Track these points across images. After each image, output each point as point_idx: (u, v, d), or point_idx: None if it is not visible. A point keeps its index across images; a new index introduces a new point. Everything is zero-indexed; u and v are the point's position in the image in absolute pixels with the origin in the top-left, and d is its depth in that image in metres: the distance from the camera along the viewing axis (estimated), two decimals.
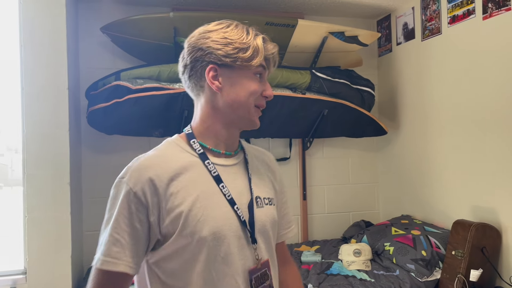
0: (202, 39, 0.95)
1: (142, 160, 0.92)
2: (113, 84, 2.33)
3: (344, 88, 2.71)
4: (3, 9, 2.35)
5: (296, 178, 3.05)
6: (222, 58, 0.94)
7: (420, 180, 2.79)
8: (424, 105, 2.72)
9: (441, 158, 2.59)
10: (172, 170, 0.91)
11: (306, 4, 2.81)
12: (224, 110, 0.97)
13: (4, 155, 3.32)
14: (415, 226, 2.51)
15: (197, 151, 0.97)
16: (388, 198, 3.17)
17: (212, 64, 0.94)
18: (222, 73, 0.95)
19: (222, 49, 0.93)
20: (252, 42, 0.96)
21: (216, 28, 0.96)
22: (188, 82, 0.99)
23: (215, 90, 0.95)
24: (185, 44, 0.99)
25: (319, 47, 2.78)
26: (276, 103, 2.52)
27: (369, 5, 2.89)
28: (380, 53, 3.20)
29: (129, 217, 0.87)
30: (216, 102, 0.97)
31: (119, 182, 0.90)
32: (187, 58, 0.97)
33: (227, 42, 0.94)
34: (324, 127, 2.77)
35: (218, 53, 0.94)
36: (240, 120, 0.99)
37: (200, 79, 0.96)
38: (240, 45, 0.94)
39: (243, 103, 0.97)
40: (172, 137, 1.02)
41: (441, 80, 2.57)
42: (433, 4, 2.60)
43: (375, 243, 2.51)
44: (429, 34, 2.65)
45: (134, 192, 0.87)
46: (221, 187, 0.95)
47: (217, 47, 0.94)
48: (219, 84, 0.95)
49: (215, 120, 0.98)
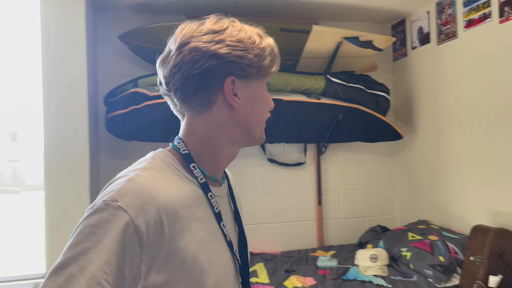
0: (214, 43, 0.76)
1: (143, 181, 0.70)
2: (131, 91, 2.37)
3: (359, 93, 2.71)
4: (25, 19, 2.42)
5: (311, 183, 3.05)
6: (247, 69, 0.78)
7: (437, 184, 2.76)
8: (440, 109, 2.70)
9: (458, 162, 2.57)
10: (178, 200, 0.72)
11: (320, 9, 2.82)
12: (235, 129, 0.81)
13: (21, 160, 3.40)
14: (432, 231, 2.49)
15: (199, 179, 0.79)
16: (404, 203, 3.14)
17: (232, 76, 0.77)
18: (240, 86, 0.79)
19: (246, 57, 0.77)
20: (266, 44, 0.82)
21: (222, 26, 0.78)
22: (191, 97, 0.78)
23: (233, 106, 0.79)
24: (176, 45, 0.78)
25: (333, 52, 2.78)
26: (291, 108, 2.53)
27: (384, 10, 2.89)
28: (395, 58, 3.19)
29: (120, 260, 0.63)
30: (229, 121, 0.80)
31: (111, 207, 0.65)
32: (191, 66, 0.75)
33: (246, 47, 0.77)
34: (339, 132, 2.77)
35: (241, 62, 0.77)
36: (251, 138, 0.85)
37: (214, 94, 0.78)
38: (259, 51, 0.79)
39: (261, 119, 0.85)
40: (159, 151, 0.81)
41: (457, 84, 2.55)
42: (449, 8, 2.58)
43: (391, 248, 2.50)
44: (444, 38, 2.63)
45: (136, 225, 0.64)
46: (222, 226, 0.80)
47: (239, 54, 0.76)
48: (239, 99, 0.79)
49: (221, 142, 0.81)
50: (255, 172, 2.96)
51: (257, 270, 2.44)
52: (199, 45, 0.75)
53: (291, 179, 3.02)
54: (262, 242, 2.90)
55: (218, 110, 0.79)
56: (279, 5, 2.69)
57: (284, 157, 3.02)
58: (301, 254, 2.72)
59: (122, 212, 0.64)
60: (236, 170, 2.89)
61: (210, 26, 0.78)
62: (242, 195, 1.04)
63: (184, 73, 0.76)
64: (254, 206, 2.93)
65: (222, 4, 2.62)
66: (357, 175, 3.16)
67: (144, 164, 0.75)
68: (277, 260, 2.61)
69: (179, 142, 0.81)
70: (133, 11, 2.72)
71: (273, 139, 2.80)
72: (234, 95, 0.78)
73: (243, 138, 0.83)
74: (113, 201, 0.65)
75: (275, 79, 2.57)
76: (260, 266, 2.50)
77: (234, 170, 3.27)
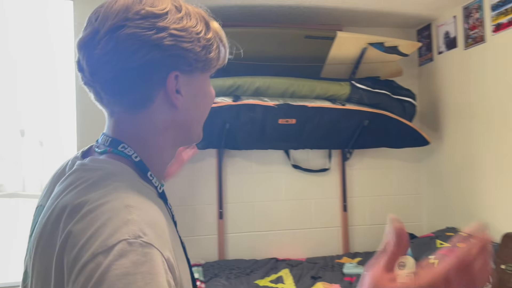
0: (155, 31, 0.62)
1: (148, 209, 0.58)
2: None
3: (384, 98, 2.70)
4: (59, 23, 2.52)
5: (336, 189, 3.05)
6: (193, 63, 0.67)
7: (465, 191, 2.72)
8: (468, 114, 2.66)
9: (487, 168, 2.52)
10: (164, 220, 0.60)
11: (345, 16, 2.83)
12: (178, 130, 0.71)
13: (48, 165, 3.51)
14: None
15: (158, 189, 0.68)
16: (432, 209, 3.10)
17: (176, 71, 0.66)
18: (183, 82, 0.67)
19: (192, 50, 0.66)
20: (213, 33, 0.70)
21: (163, 9, 0.64)
22: (123, 92, 0.65)
23: (176, 105, 0.67)
24: (106, 27, 0.62)
25: (358, 58, 2.78)
26: (316, 114, 2.54)
27: (409, 15, 2.87)
28: (420, 63, 3.16)
29: None
30: (170, 121, 0.69)
31: (136, 245, 0.51)
32: (126, 57, 0.62)
33: (192, 38, 0.65)
34: (365, 138, 2.76)
35: (188, 55, 0.65)
36: (192, 137, 0.75)
37: (153, 90, 0.65)
38: (206, 42, 0.68)
39: (204, 117, 0.75)
40: (110, 162, 0.64)
41: (485, 88, 2.51)
42: (476, 13, 2.55)
43: (419, 255, 2.46)
44: (472, 42, 2.60)
45: (166, 259, 0.54)
46: (180, 236, 0.68)
47: (185, 47, 0.65)
48: (182, 97, 0.68)
49: (164, 145, 0.70)
50: (280, 178, 2.97)
51: (283, 276, 2.45)
52: (137, 32, 0.62)
53: (316, 186, 3.02)
54: (287, 248, 2.91)
55: (158, 108, 0.67)
56: (304, 12, 2.71)
57: (309, 163, 3.02)
58: (326, 261, 2.71)
59: (152, 249, 0.52)
60: (261, 177, 2.95)
61: (148, 7, 0.63)
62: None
63: (118, 64, 0.63)
64: (279, 212, 2.94)
65: (248, 12, 2.66)
66: (383, 181, 3.13)
67: (117, 183, 0.60)
68: (302, 266, 2.61)
69: (124, 147, 0.66)
70: None
71: (298, 145, 2.81)
72: (177, 93, 0.67)
73: (183, 139, 0.73)
74: (139, 237, 0.52)
75: (300, 86, 2.58)
76: (285, 272, 2.50)
77: (258, 177, 3.30)
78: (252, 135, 2.57)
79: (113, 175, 0.61)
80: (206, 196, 2.84)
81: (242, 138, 2.61)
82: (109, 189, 0.58)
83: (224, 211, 2.86)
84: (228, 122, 2.44)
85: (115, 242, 0.51)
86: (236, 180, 2.89)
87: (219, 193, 2.83)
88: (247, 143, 2.68)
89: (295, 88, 2.58)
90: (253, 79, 2.50)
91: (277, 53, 2.65)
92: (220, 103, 2.40)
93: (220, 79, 2.47)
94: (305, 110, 2.52)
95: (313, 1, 2.55)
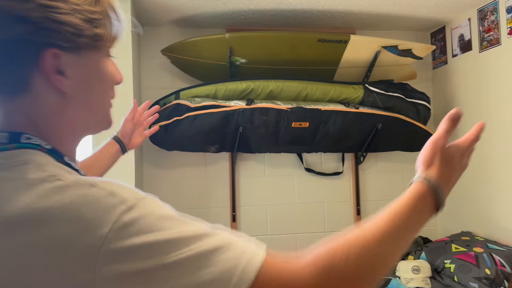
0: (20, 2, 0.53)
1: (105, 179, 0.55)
2: (173, 103, 2.45)
3: (398, 101, 2.69)
4: None
5: (350, 193, 3.03)
6: (73, 38, 0.57)
7: (481, 195, 2.68)
8: (483, 117, 2.63)
9: (503, 171, 2.49)
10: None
11: (358, 19, 2.83)
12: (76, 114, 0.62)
13: None
14: (477, 243, 2.42)
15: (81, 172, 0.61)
16: (446, 213, 3.06)
17: (53, 48, 0.56)
18: (68, 61, 0.58)
19: (69, 23, 0.56)
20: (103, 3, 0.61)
21: None
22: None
23: (59, 88, 0.58)
24: None
25: (371, 62, 2.78)
26: (329, 118, 2.54)
27: (423, 18, 2.86)
28: (434, 66, 3.14)
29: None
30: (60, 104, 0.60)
31: (140, 200, 0.52)
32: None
33: (70, 8, 0.56)
34: (378, 141, 2.74)
35: (64, 29, 0.56)
36: (96, 124, 0.68)
37: (23, 70, 0.56)
38: (89, 14, 0.58)
39: (105, 101, 0.67)
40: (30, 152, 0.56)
41: (500, 91, 2.49)
42: (491, 15, 2.53)
43: (434, 260, 2.44)
44: (487, 45, 2.58)
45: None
46: None
47: (59, 19, 0.55)
48: (66, 79, 0.59)
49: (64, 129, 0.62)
50: (292, 181, 2.97)
51: None
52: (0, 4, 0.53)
53: (329, 189, 3.01)
54: (300, 251, 2.90)
55: (42, 92, 0.58)
56: (317, 16, 2.72)
57: (322, 166, 3.02)
58: None
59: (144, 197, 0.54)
60: (274, 180, 2.95)
61: None
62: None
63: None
64: (292, 216, 2.94)
65: (261, 16, 2.68)
66: (397, 185, 3.10)
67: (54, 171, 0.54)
68: None
69: (29, 137, 0.57)
70: (174, 26, 2.82)
71: (311, 148, 2.81)
72: (61, 74, 0.58)
73: (88, 124, 0.66)
74: (131, 201, 0.51)
75: (313, 89, 2.58)
76: None
77: (271, 180, 3.30)
78: (265, 138, 2.58)
79: (47, 167, 0.55)
80: (219, 199, 2.85)
81: (255, 142, 2.62)
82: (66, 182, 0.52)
83: (237, 214, 2.87)
84: (241, 125, 2.45)
85: (127, 203, 0.50)
86: (249, 183, 2.90)
87: (232, 196, 2.84)
88: (260, 146, 2.69)
89: (308, 91, 2.58)
90: (267, 82, 2.51)
91: (290, 57, 2.66)
92: (233, 106, 2.42)
93: (234, 83, 2.48)
94: (318, 113, 2.52)
95: (326, 5, 2.56)
